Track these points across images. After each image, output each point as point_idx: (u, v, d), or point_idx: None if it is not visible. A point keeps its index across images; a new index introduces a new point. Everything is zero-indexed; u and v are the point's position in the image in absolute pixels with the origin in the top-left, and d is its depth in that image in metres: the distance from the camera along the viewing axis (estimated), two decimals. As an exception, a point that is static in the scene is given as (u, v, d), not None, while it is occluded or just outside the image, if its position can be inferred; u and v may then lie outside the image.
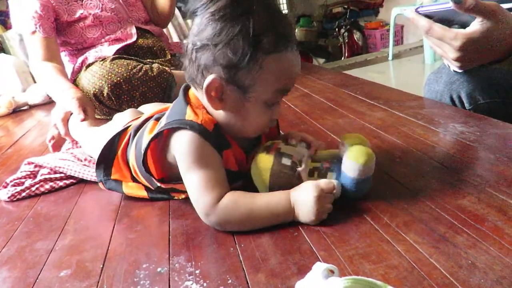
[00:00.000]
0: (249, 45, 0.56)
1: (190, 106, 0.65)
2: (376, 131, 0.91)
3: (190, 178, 0.62)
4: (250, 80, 0.59)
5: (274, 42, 0.57)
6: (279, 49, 0.58)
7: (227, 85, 0.59)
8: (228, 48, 0.57)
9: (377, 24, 4.68)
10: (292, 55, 0.60)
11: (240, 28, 0.56)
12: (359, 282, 0.38)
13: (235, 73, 0.58)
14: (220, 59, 0.58)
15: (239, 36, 0.56)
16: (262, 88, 0.59)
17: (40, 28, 1.32)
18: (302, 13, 4.89)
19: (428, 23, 0.68)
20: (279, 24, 0.59)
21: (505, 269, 0.44)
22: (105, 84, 1.30)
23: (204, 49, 0.59)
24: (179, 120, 0.63)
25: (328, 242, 0.54)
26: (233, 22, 0.56)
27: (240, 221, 0.59)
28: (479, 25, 0.64)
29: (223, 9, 0.57)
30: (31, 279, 0.58)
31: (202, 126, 0.61)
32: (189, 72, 0.63)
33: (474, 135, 0.79)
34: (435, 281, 0.44)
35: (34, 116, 1.88)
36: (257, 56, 0.57)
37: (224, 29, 0.56)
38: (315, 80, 1.57)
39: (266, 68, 0.58)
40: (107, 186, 0.78)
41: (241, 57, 0.57)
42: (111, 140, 0.79)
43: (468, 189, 0.61)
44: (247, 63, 0.57)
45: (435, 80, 1.00)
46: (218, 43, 0.57)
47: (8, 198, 0.89)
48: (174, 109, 0.68)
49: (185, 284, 0.51)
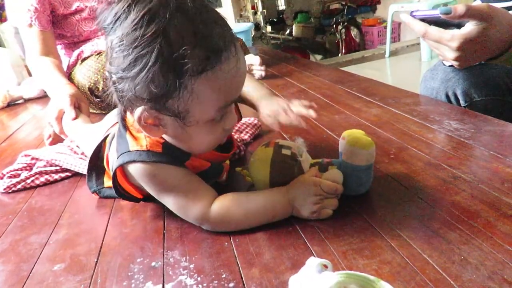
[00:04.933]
0: (170, 72, 0.47)
1: (129, 132, 0.59)
2: (371, 127, 0.91)
3: (167, 202, 0.61)
4: (182, 107, 0.51)
5: (202, 60, 0.48)
6: (209, 67, 0.49)
7: (159, 114, 0.52)
8: (147, 81, 0.48)
9: (375, 21, 4.68)
10: (229, 65, 0.50)
11: (156, 55, 0.46)
12: (352, 276, 0.38)
13: (164, 103, 0.51)
14: (142, 93, 0.50)
15: (157, 65, 0.47)
16: (200, 111, 0.52)
17: (36, 21, 1.31)
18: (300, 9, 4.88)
19: (424, 27, 0.69)
20: (204, 35, 0.48)
21: (497, 265, 0.44)
22: (101, 78, 1.29)
23: (122, 81, 0.50)
24: (127, 153, 0.58)
25: (322, 237, 0.54)
26: (146, 48, 0.46)
27: (236, 224, 0.58)
28: (474, 25, 0.65)
29: (131, 32, 0.47)
30: (24, 273, 0.58)
31: (150, 152, 0.57)
32: (116, 98, 0.54)
33: (469, 132, 0.79)
34: (428, 276, 0.44)
35: (29, 110, 1.87)
36: (185, 82, 0.48)
37: (138, 59, 0.47)
38: (311, 76, 1.57)
39: (198, 91, 0.50)
40: (102, 194, 0.77)
41: (165, 88, 0.48)
42: (97, 149, 0.77)
43: (462, 185, 0.61)
44: (174, 92, 0.49)
45: (431, 77, 1.00)
46: (134, 76, 0.48)
47: (4, 189, 0.89)
48: (119, 139, 0.62)
49: (179, 279, 0.51)
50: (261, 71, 1.60)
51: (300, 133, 0.95)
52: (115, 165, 0.60)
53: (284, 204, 0.58)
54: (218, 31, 0.49)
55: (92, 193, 0.79)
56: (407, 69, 3.26)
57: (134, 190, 0.67)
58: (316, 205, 0.57)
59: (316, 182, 0.58)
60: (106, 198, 0.78)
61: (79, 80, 1.33)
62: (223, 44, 0.49)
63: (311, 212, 0.57)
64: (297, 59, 2.04)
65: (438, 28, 0.68)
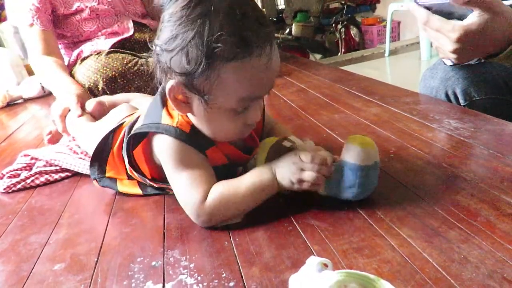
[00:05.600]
0: (203, 53, 0.51)
1: (166, 108, 0.63)
2: (371, 126, 0.91)
3: (175, 181, 0.62)
4: (208, 88, 0.55)
5: (234, 49, 0.51)
6: (239, 57, 0.52)
7: (188, 91, 0.57)
8: (182, 55, 0.53)
9: (374, 20, 4.68)
10: (260, 61, 0.53)
11: (194, 34, 0.51)
12: (352, 275, 0.38)
13: (191, 80, 0.55)
14: (175, 66, 0.54)
15: (193, 43, 0.52)
16: (223, 97, 0.55)
17: (38, 20, 1.31)
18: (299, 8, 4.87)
19: (427, 14, 0.68)
20: (242, 27, 0.52)
21: (497, 264, 0.44)
22: (100, 78, 1.29)
23: (162, 53, 0.55)
24: (155, 124, 0.62)
25: (322, 236, 0.54)
26: (188, 27, 0.52)
27: (232, 208, 0.59)
28: (476, 17, 0.65)
29: (179, 10, 0.52)
30: (24, 273, 0.58)
31: (178, 129, 0.60)
32: (157, 74, 0.60)
33: (469, 131, 0.79)
34: (428, 275, 0.44)
35: (29, 110, 1.87)
36: (214, 65, 0.52)
37: (179, 34, 0.52)
38: (311, 75, 1.57)
39: (225, 77, 0.53)
40: (102, 184, 0.78)
41: (195, 66, 0.53)
42: (106, 137, 0.78)
43: (461, 184, 0.61)
44: (202, 72, 0.53)
45: (430, 76, 1.00)
46: (173, 49, 0.53)
47: (4, 189, 0.89)
48: (150, 110, 0.66)
49: (180, 278, 0.51)
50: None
51: (299, 132, 0.96)
52: (138, 130, 0.64)
53: (270, 177, 0.59)
54: (257, 28, 0.53)
55: (92, 180, 0.79)
56: (406, 68, 3.26)
57: (147, 168, 0.69)
58: (295, 175, 0.57)
59: (295, 152, 0.59)
60: (105, 187, 0.78)
61: (78, 79, 1.33)
62: (258, 40, 0.53)
63: (291, 183, 0.58)
64: (296, 58, 2.05)
65: (440, 17, 0.68)
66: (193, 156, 0.61)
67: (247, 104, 0.58)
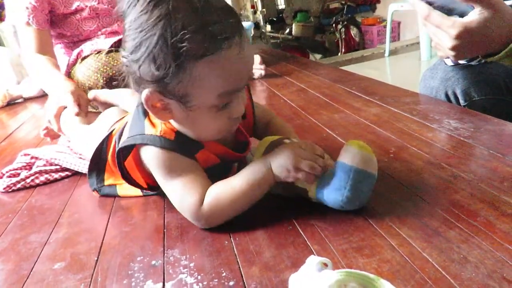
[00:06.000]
0: (170, 55, 0.50)
1: (148, 117, 0.62)
2: (371, 126, 0.91)
3: (169, 190, 0.62)
4: (183, 91, 0.53)
5: (201, 45, 0.49)
6: (210, 51, 0.50)
7: (164, 97, 0.55)
8: (150, 63, 0.51)
9: (374, 20, 4.68)
10: (231, 52, 0.51)
11: (158, 38, 0.49)
12: (352, 275, 0.38)
13: (165, 86, 0.53)
14: (145, 75, 0.52)
15: (158, 48, 0.49)
16: (201, 96, 0.54)
17: (34, 19, 1.31)
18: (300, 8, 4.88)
19: (428, 9, 0.68)
20: (205, 22, 0.50)
21: (497, 263, 0.44)
22: (100, 77, 1.29)
23: (130, 63, 0.53)
24: (141, 136, 0.61)
25: (322, 235, 0.54)
26: (150, 32, 0.49)
27: (230, 208, 0.58)
28: (477, 15, 0.65)
29: (138, 16, 0.50)
30: (24, 272, 0.58)
31: (163, 138, 0.59)
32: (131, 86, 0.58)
33: (468, 131, 0.79)
34: (427, 275, 0.44)
35: (29, 109, 1.87)
36: (184, 65, 0.50)
37: (142, 42, 0.50)
38: (311, 75, 1.57)
39: (198, 76, 0.51)
40: (102, 193, 0.78)
41: (165, 71, 0.51)
42: (99, 147, 0.77)
43: (461, 184, 0.61)
44: (173, 76, 0.51)
45: (430, 76, 1.00)
46: (139, 58, 0.51)
47: (3, 189, 0.89)
48: (133, 121, 0.64)
49: (180, 277, 0.51)
50: (260, 70, 1.61)
51: (299, 132, 0.96)
52: (124, 144, 0.62)
53: (265, 170, 0.58)
54: (222, 19, 0.51)
55: (92, 191, 0.79)
56: (406, 68, 3.26)
57: (140, 176, 0.68)
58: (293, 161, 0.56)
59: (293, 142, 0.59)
60: (105, 196, 0.78)
61: (78, 79, 1.33)
62: (225, 31, 0.51)
63: (287, 171, 0.56)
64: (296, 58, 2.04)
65: (441, 13, 0.68)
66: (182, 163, 0.60)
67: (227, 98, 0.56)
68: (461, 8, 0.67)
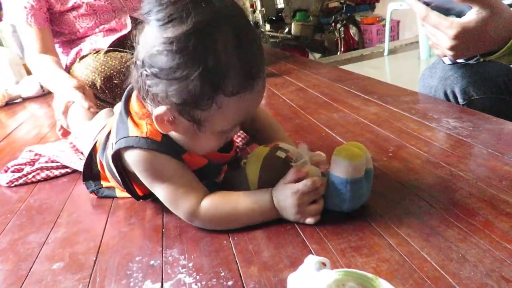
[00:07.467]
0: (209, 88, 0.49)
1: (130, 118, 0.60)
2: (370, 125, 0.91)
3: (159, 193, 0.61)
4: (205, 117, 0.53)
5: (240, 85, 0.50)
6: (244, 90, 0.51)
7: (179, 116, 0.54)
8: (183, 88, 0.49)
9: (373, 19, 4.68)
10: (255, 93, 0.52)
11: (201, 68, 0.48)
12: (350, 274, 0.38)
13: (189, 110, 0.52)
14: (174, 97, 0.51)
15: (198, 78, 0.48)
16: (218, 124, 0.54)
17: (33, 18, 1.30)
18: (299, 7, 4.87)
19: (425, 9, 0.68)
20: (248, 61, 0.50)
21: (495, 262, 0.44)
22: (98, 77, 1.29)
23: (156, 78, 0.50)
24: (125, 139, 0.58)
25: (320, 235, 0.54)
26: (192, 60, 0.48)
27: (226, 223, 0.59)
28: (474, 14, 0.65)
29: (182, 40, 0.47)
30: (23, 272, 0.58)
31: (149, 139, 0.57)
32: (137, 85, 0.55)
33: (467, 130, 0.79)
34: (426, 274, 0.44)
35: (28, 109, 1.87)
36: (216, 98, 0.50)
37: (181, 67, 0.48)
38: (310, 74, 1.57)
39: (226, 108, 0.52)
40: (101, 194, 0.78)
41: (198, 99, 0.50)
42: (89, 158, 0.77)
43: (460, 183, 0.61)
44: (205, 105, 0.51)
45: (429, 75, 1.00)
46: (172, 80, 0.49)
47: (6, 183, 0.92)
48: (118, 125, 0.62)
49: (178, 277, 0.51)
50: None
51: (298, 131, 0.96)
52: (114, 149, 0.61)
53: (270, 207, 0.58)
54: (259, 55, 0.52)
55: (90, 192, 0.79)
56: (405, 68, 3.26)
57: (136, 187, 0.67)
58: (298, 209, 0.56)
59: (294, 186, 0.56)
60: (104, 197, 0.77)
61: (77, 78, 1.33)
62: (260, 71, 0.52)
63: (294, 214, 0.56)
64: (296, 57, 2.04)
65: (439, 13, 0.68)
66: (169, 164, 0.59)
67: (237, 125, 0.58)
68: (458, 8, 0.67)
